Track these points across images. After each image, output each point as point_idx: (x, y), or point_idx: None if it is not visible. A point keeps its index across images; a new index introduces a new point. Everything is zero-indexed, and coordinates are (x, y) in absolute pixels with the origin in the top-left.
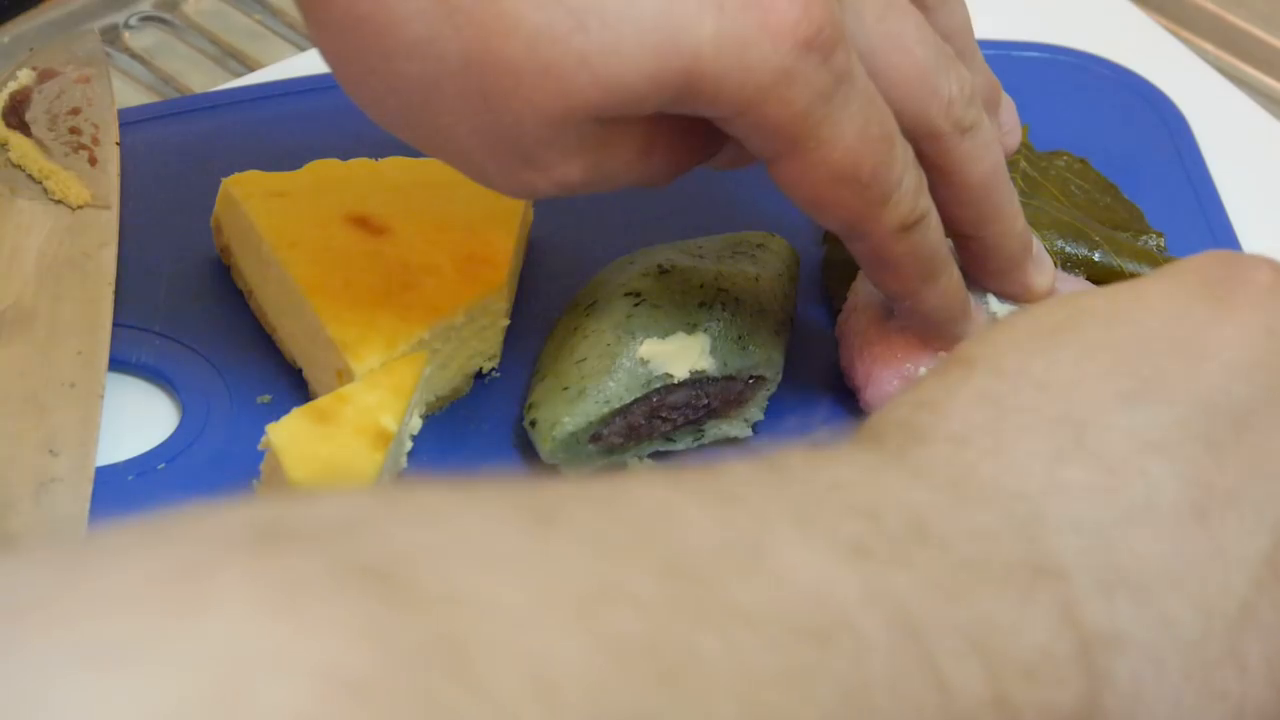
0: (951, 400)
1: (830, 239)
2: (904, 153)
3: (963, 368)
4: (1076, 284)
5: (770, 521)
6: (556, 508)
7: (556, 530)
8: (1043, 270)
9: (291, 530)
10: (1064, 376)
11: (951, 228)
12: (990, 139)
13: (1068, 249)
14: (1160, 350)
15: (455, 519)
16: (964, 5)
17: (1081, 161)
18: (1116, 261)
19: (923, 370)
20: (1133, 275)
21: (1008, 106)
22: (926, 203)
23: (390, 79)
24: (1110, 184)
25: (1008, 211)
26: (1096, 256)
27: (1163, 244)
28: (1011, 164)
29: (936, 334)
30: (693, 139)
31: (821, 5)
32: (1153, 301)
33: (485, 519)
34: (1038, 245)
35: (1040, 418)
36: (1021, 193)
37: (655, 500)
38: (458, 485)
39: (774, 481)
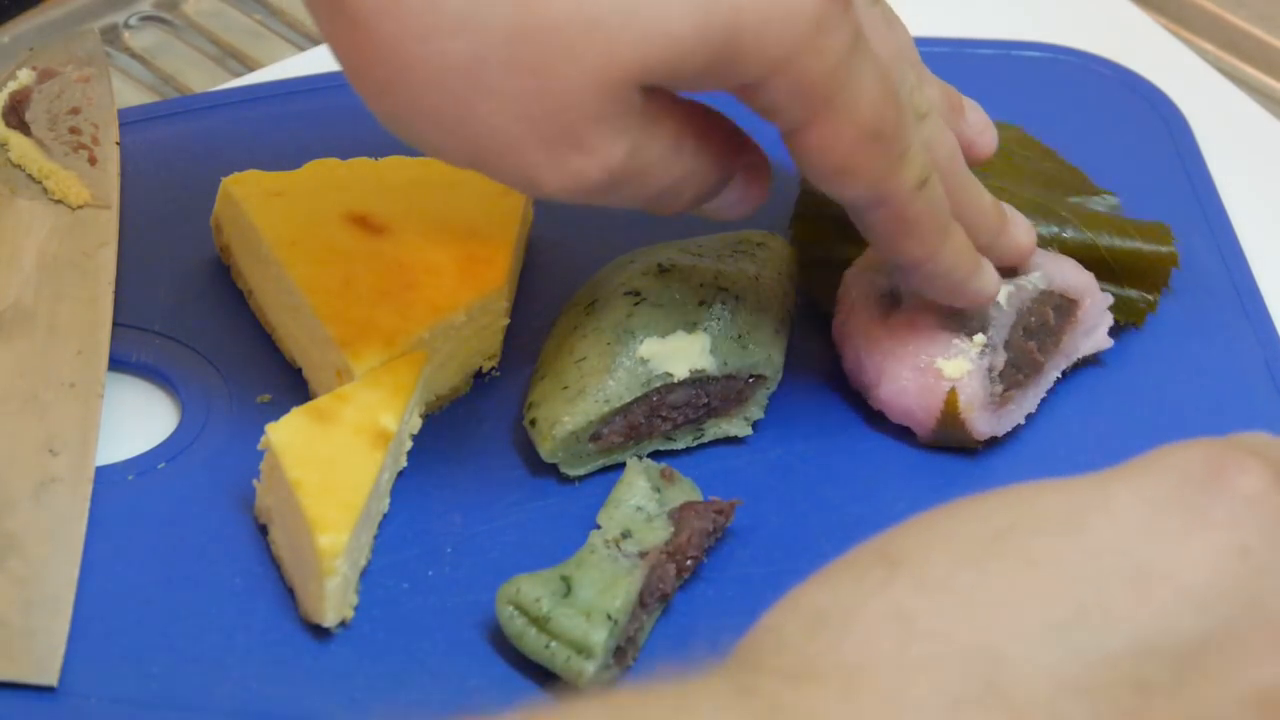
0: (859, 612)
1: (800, 240)
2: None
3: (885, 568)
4: (1060, 262)
5: None
6: None
7: None
8: (1020, 227)
9: None
10: (993, 595)
11: None
12: (941, 124)
13: (1039, 229)
14: (1110, 570)
15: None
16: (905, 28)
17: (1017, 129)
18: (1089, 236)
19: (937, 361)
20: (1108, 251)
21: (973, 108)
22: (928, 157)
23: (430, 67)
24: (1049, 149)
25: (974, 189)
26: (1067, 234)
27: (1116, 202)
28: None
29: (957, 296)
30: (715, 142)
31: None
32: (1117, 508)
33: None
34: (1007, 207)
35: (953, 648)
36: (978, 171)
37: None
38: None
39: None
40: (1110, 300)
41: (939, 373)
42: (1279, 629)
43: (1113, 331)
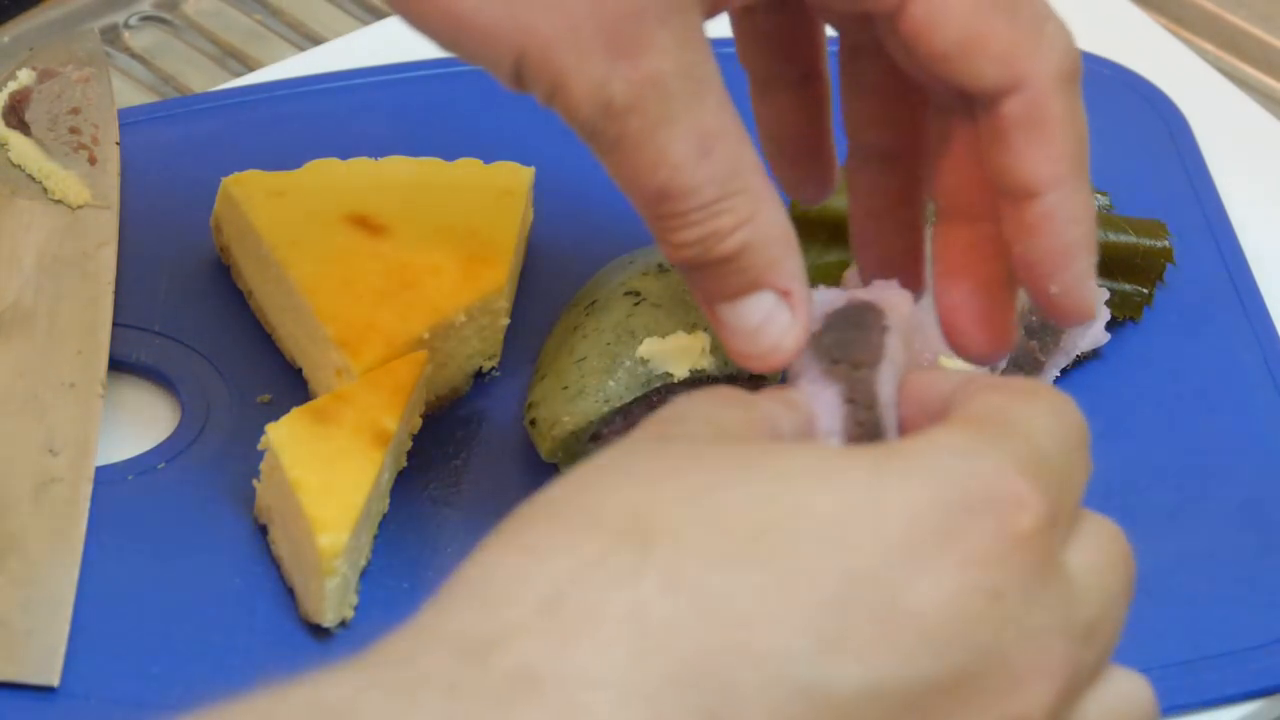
0: (602, 610)
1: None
2: None
3: (637, 549)
4: None
5: None
6: None
7: None
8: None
9: None
10: (738, 611)
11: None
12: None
13: None
14: (860, 599)
15: None
16: None
17: None
18: None
19: (940, 359)
20: (1100, 246)
21: None
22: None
23: None
24: None
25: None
26: None
27: (1107, 202)
28: None
29: (1086, 242)
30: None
31: None
32: (884, 519)
33: None
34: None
35: (686, 670)
36: None
37: None
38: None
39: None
40: (1106, 295)
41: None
42: (1013, 683)
43: (1110, 328)
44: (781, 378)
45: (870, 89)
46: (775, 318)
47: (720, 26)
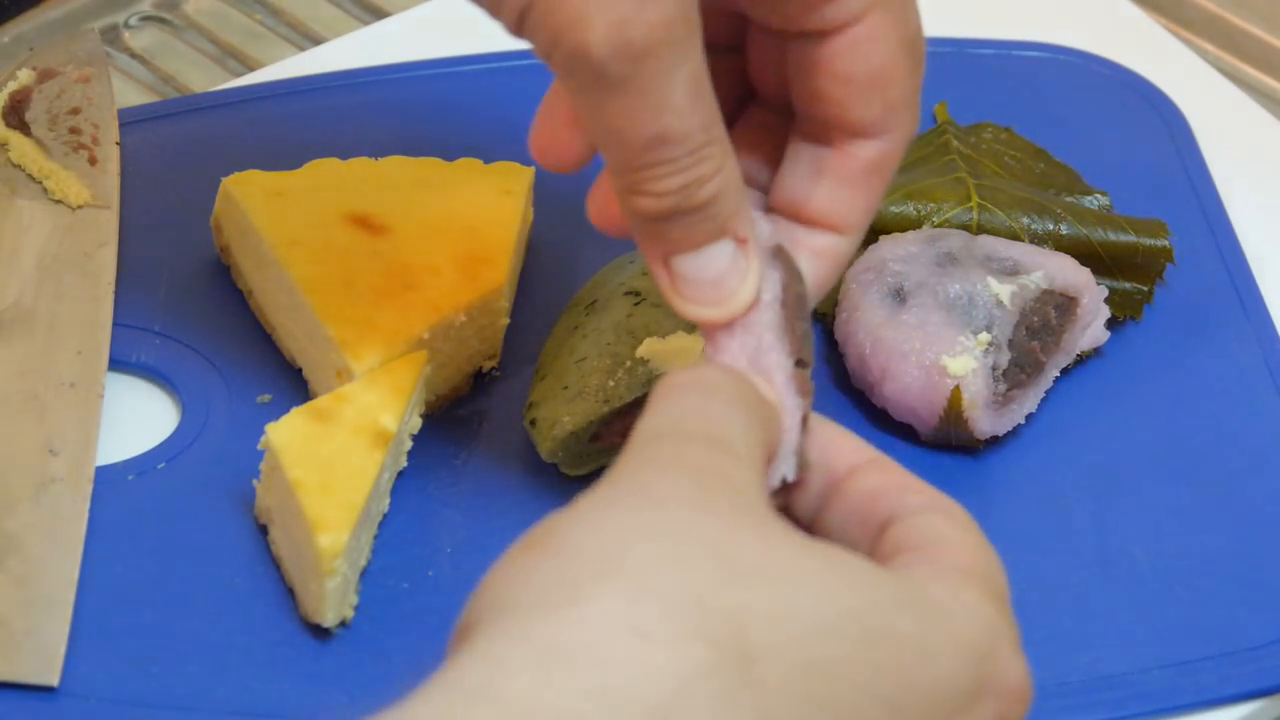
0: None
1: None
2: None
3: (739, 676)
4: (1058, 259)
5: None
6: None
7: None
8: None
9: None
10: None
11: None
12: None
13: (1034, 226)
14: None
15: None
16: None
17: (1007, 130)
18: (1084, 231)
19: (942, 359)
20: (1101, 245)
21: None
22: None
23: None
24: (1040, 149)
25: None
26: (1064, 229)
27: (1107, 201)
28: (943, 144)
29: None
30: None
31: None
32: (934, 677)
33: None
34: None
35: None
36: (968, 173)
37: None
38: None
39: None
40: (1105, 293)
41: (943, 370)
42: None
43: (1111, 327)
44: None
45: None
46: (736, 265)
47: None
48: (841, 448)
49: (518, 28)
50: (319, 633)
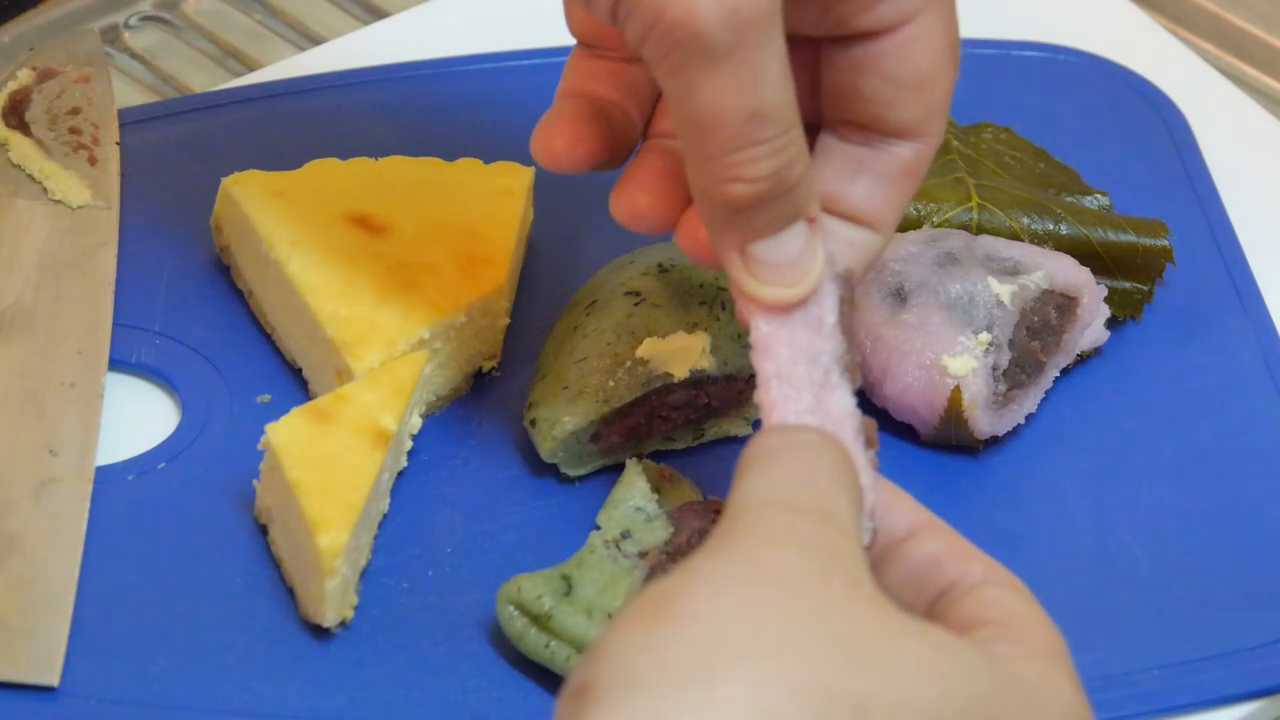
0: None
1: None
2: None
3: (573, 704)
4: (1058, 259)
5: None
6: None
7: None
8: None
9: None
10: None
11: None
12: None
13: (1034, 226)
14: None
15: None
16: None
17: (1007, 131)
18: (1084, 231)
19: (943, 359)
20: (1101, 244)
21: None
22: None
23: None
24: (1040, 149)
25: None
26: (1063, 229)
27: (1107, 201)
28: (944, 145)
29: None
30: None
31: None
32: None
33: None
34: None
35: None
36: (968, 173)
37: None
38: None
39: None
40: (1105, 292)
41: (944, 370)
42: None
43: (1111, 327)
44: None
45: None
46: (809, 244)
47: None
48: (900, 509)
49: (612, 13)
50: (319, 633)
